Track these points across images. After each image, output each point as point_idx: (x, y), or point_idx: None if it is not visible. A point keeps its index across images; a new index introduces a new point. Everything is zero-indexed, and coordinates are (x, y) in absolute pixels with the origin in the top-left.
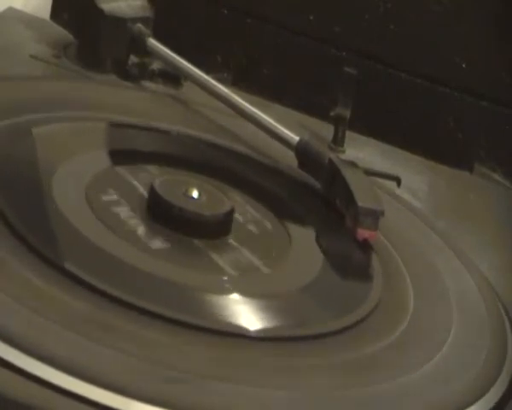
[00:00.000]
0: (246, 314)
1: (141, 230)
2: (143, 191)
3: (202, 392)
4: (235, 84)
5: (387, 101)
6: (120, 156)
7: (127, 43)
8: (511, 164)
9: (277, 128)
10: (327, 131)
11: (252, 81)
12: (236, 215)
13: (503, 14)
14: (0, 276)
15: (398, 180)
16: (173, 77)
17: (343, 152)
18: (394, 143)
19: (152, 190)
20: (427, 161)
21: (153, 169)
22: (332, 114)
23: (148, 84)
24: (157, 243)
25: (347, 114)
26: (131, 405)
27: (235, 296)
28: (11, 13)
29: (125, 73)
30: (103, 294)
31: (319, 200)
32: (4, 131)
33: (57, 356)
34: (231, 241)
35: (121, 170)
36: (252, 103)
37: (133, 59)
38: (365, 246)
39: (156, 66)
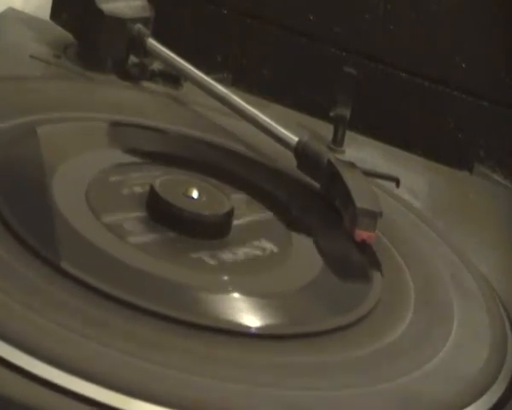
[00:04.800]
0: (245, 313)
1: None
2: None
3: (202, 390)
4: (234, 84)
5: (387, 101)
6: (120, 156)
7: (127, 43)
8: (511, 164)
9: (276, 129)
10: (326, 131)
11: (251, 81)
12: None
13: (503, 14)
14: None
15: (397, 181)
16: (173, 77)
17: (343, 152)
18: (394, 143)
19: (152, 190)
20: (427, 161)
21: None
22: (332, 114)
23: (147, 84)
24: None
25: (347, 114)
26: (132, 404)
27: (235, 296)
28: (11, 13)
29: (125, 74)
30: (102, 294)
31: (319, 200)
32: (4, 131)
33: (57, 355)
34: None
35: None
36: (251, 104)
37: (133, 59)
38: (365, 246)
39: (156, 66)
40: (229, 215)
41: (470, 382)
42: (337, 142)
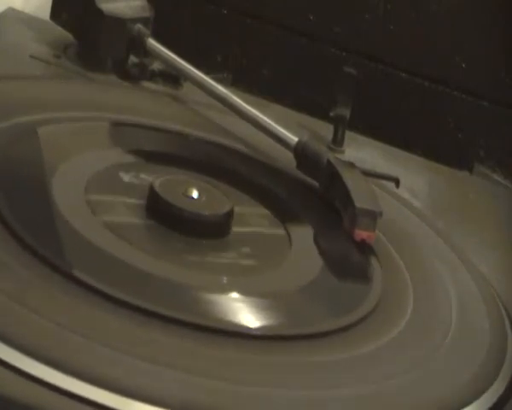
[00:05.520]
0: (245, 314)
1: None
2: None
3: (202, 391)
4: (234, 84)
5: (387, 101)
6: (120, 156)
7: (127, 43)
8: (511, 164)
9: (276, 129)
10: (326, 131)
11: (251, 81)
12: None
13: (503, 14)
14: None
15: (396, 181)
16: (173, 77)
17: (342, 152)
18: (394, 143)
19: (151, 190)
20: (427, 161)
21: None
22: (331, 114)
23: (148, 84)
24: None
25: (347, 114)
26: (131, 405)
27: (234, 296)
28: (11, 13)
29: (125, 73)
30: (102, 294)
31: (319, 200)
32: (4, 131)
33: (57, 356)
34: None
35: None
36: (251, 103)
37: (133, 59)
38: (365, 246)
39: (156, 66)
40: (229, 215)
41: (470, 381)
42: (337, 142)
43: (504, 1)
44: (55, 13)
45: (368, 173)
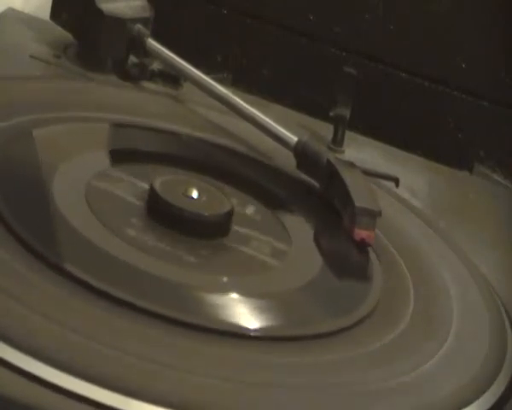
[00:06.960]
0: (245, 314)
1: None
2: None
3: (202, 391)
4: (234, 84)
5: (387, 101)
6: (120, 156)
7: (127, 43)
8: (511, 164)
9: (276, 129)
10: (326, 131)
11: (251, 81)
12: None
13: (503, 14)
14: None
15: (396, 181)
16: (173, 77)
17: (342, 152)
18: (394, 143)
19: (151, 190)
20: (427, 161)
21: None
22: (331, 114)
23: (147, 84)
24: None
25: (347, 114)
26: (131, 404)
27: (234, 296)
28: (11, 13)
29: (125, 74)
30: (102, 294)
31: (318, 200)
32: (4, 131)
33: (57, 356)
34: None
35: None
36: (251, 103)
37: (133, 59)
38: (365, 246)
39: (156, 66)
40: (229, 215)
41: (470, 381)
42: (337, 142)
43: (504, 1)
44: (55, 13)
45: (368, 173)
